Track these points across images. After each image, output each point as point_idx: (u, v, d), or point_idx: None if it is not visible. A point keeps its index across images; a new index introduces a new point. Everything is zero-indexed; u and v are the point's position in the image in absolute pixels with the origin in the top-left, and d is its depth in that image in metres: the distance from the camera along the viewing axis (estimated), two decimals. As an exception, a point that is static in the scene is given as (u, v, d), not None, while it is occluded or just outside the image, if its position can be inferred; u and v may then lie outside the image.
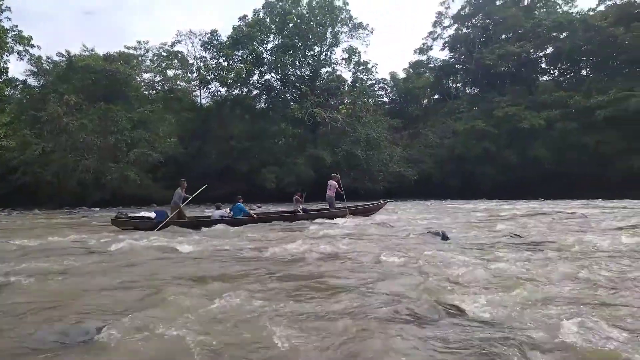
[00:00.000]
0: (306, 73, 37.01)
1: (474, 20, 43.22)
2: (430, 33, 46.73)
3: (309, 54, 36.45)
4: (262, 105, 37.76)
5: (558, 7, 41.64)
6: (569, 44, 36.30)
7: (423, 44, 47.55)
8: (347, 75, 38.76)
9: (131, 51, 35.42)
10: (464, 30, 43.86)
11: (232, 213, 11.87)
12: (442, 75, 45.62)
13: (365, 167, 32.79)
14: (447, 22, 45.56)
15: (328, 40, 36.89)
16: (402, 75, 47.64)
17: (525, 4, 42.79)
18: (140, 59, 35.96)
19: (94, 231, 10.39)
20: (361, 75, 40.77)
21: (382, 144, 34.36)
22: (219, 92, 36.14)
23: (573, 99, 32.59)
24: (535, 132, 32.50)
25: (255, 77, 35.93)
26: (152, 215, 11.13)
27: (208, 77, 34.58)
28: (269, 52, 35.47)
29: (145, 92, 35.30)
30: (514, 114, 33.50)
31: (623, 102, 29.50)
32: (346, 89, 37.36)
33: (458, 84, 47.00)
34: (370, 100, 40.61)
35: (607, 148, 30.10)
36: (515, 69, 40.13)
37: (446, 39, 45.56)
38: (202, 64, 35.51)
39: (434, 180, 35.20)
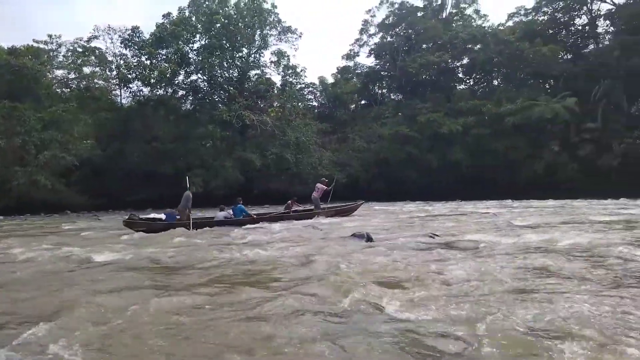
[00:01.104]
0: (234, 75, 36.42)
1: (397, 29, 45.14)
2: (357, 40, 48.08)
3: (237, 55, 35.91)
4: (189, 106, 36.53)
5: (473, 20, 44.81)
6: (482, 55, 39.14)
7: (350, 50, 48.79)
8: (277, 79, 38.75)
9: (41, 45, 32.62)
10: (389, 38, 45.64)
11: (233, 214, 12.75)
12: (369, 81, 47.10)
13: (295, 170, 32.92)
14: (372, 30, 47.18)
15: (257, 42, 36.61)
16: (330, 80, 48.55)
17: (444, 16, 45.55)
18: (51, 54, 33.21)
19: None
20: (290, 79, 40.89)
21: (312, 148, 34.71)
22: (141, 92, 34.35)
23: (486, 107, 35.14)
24: (454, 137, 34.63)
25: (181, 77, 34.70)
26: (162, 217, 11.89)
27: (129, 76, 32.70)
28: (195, 52, 34.42)
29: (58, 90, 32.61)
30: (435, 120, 35.42)
31: (528, 110, 32.38)
32: (275, 92, 37.30)
33: (384, 90, 48.74)
34: (299, 104, 40.85)
35: (515, 153, 32.82)
36: (435, 77, 42.48)
37: (372, 47, 47.12)
38: (122, 61, 33.54)
39: (361, 184, 36.20)
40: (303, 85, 45.10)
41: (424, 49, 42.22)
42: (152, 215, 11.78)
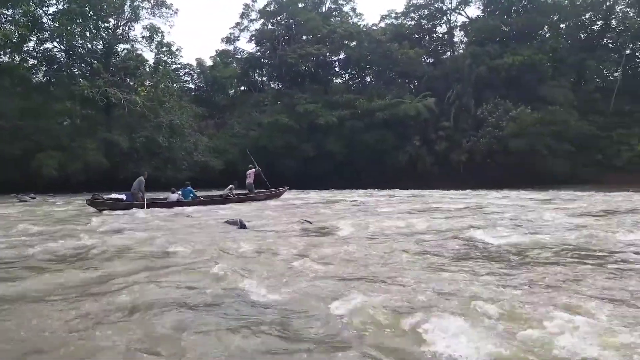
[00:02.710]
0: (99, 47, 32.79)
1: (278, 18, 45.11)
2: (238, 24, 46.92)
3: (103, 26, 32.37)
4: (41, 78, 31.93)
5: (350, 18, 46.92)
6: (357, 52, 41.32)
7: (230, 34, 47.51)
8: (149, 56, 36.00)
9: None
10: (270, 26, 45.37)
11: (183, 196, 13.91)
12: (249, 67, 46.43)
13: (167, 155, 31.07)
14: (253, 15, 46.46)
15: (126, 14, 33.43)
16: (209, 63, 46.75)
17: (323, 11, 46.90)
18: None
19: None
20: (164, 58, 38.37)
21: (187, 132, 33.11)
22: (-22, 57, 28.97)
23: (359, 101, 37.30)
24: (330, 128, 36.11)
25: (32, 44, 30.09)
26: (123, 197, 12.79)
27: (-39, 37, 27.27)
28: (50, 16, 30.05)
29: None
30: (313, 111, 36.53)
31: (395, 107, 35.26)
32: (147, 70, 34.62)
33: (264, 78, 48.54)
34: (175, 85, 38.60)
35: (383, 145, 35.51)
36: (314, 69, 43.65)
37: (253, 32, 46.44)
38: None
39: (238, 170, 35.73)
40: (179, 66, 42.80)
41: (304, 40, 42.96)
42: (113, 196, 12.89)
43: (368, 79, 44.77)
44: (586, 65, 35.43)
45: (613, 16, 36.53)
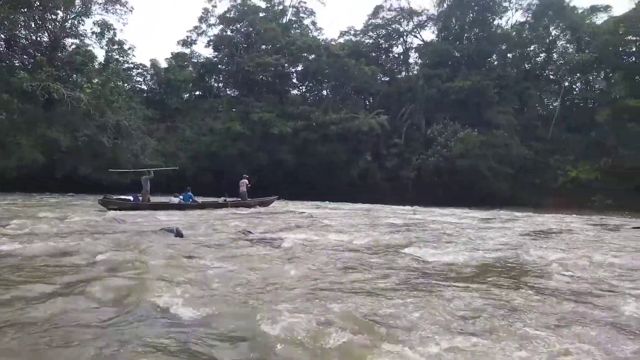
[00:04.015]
0: (44, 39, 31.10)
1: (238, 25, 44.77)
2: (196, 27, 46.11)
3: (50, 17, 30.73)
4: (-26, 68, 29.76)
5: (310, 31, 47.40)
6: (315, 65, 41.67)
7: (187, 37, 46.56)
8: (99, 53, 34.49)
9: None
10: (229, 32, 44.92)
11: (183, 200, 15.62)
12: (205, 72, 45.61)
13: (111, 156, 29.67)
14: (212, 20, 45.85)
15: (77, 7, 31.97)
16: (164, 64, 45.44)
17: (284, 22, 47.08)
18: None
19: None
20: (116, 56, 37.04)
21: (135, 134, 31.82)
22: None
23: (314, 114, 37.53)
24: (283, 138, 36.01)
25: (-34, 30, 28.07)
26: (130, 198, 14.48)
27: None
28: (-10, 2, 28.17)
29: None
30: (267, 120, 36.33)
31: (349, 122, 35.77)
32: (96, 67, 33.13)
33: (220, 84, 47.84)
34: (125, 84, 37.23)
35: (336, 158, 35.82)
36: (272, 79, 43.49)
37: (211, 37, 45.79)
38: None
39: (187, 176, 34.77)
40: (131, 65, 41.40)
41: (262, 50, 42.83)
42: (122, 197, 14.33)
43: (324, 92, 45.23)
44: (529, 94, 37.69)
45: (554, 50, 39.25)
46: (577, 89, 39.14)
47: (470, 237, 8.36)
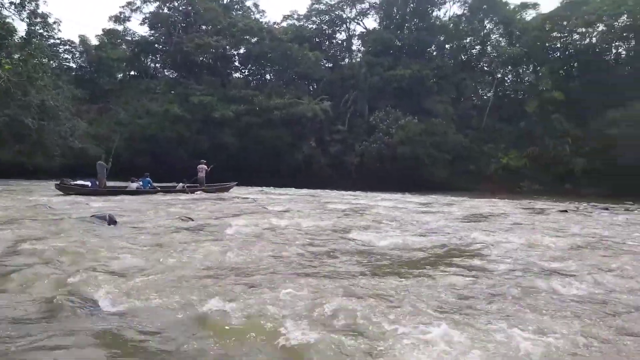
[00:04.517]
0: (-47, 9, 27.84)
1: (176, 3, 42.55)
2: (130, 3, 43.22)
3: (-41, -17, 27.54)
4: None
5: (252, 13, 46.16)
6: (258, 48, 40.68)
7: (120, 13, 43.61)
8: (20, 27, 31.39)
9: None
10: (166, 10, 42.63)
11: (142, 185, 15.45)
12: (140, 51, 43.14)
13: (36, 139, 27.40)
14: (148, -5, 43.21)
15: (-9, -27, 28.82)
16: (94, 42, 42.40)
17: (225, 2, 45.42)
18: None
19: None
20: (39, 30, 33.94)
21: (63, 115, 29.51)
22: None
23: (257, 98, 36.80)
24: (225, 122, 35.04)
25: None
26: (88, 184, 14.17)
27: None
28: None
29: None
30: (208, 103, 35.17)
31: (293, 107, 35.50)
32: (16, 41, 30.18)
33: (157, 64, 45.57)
34: (51, 61, 34.33)
35: (280, 143, 35.52)
36: (212, 61, 42.01)
37: (147, 15, 43.23)
38: None
39: (122, 159, 32.95)
40: (58, 41, 38.32)
41: (202, 30, 41.19)
42: (79, 182, 14.00)
43: (268, 76, 44.42)
44: (465, 84, 39.28)
45: (488, 43, 41.08)
46: (508, 81, 41.29)
47: (411, 222, 8.57)
